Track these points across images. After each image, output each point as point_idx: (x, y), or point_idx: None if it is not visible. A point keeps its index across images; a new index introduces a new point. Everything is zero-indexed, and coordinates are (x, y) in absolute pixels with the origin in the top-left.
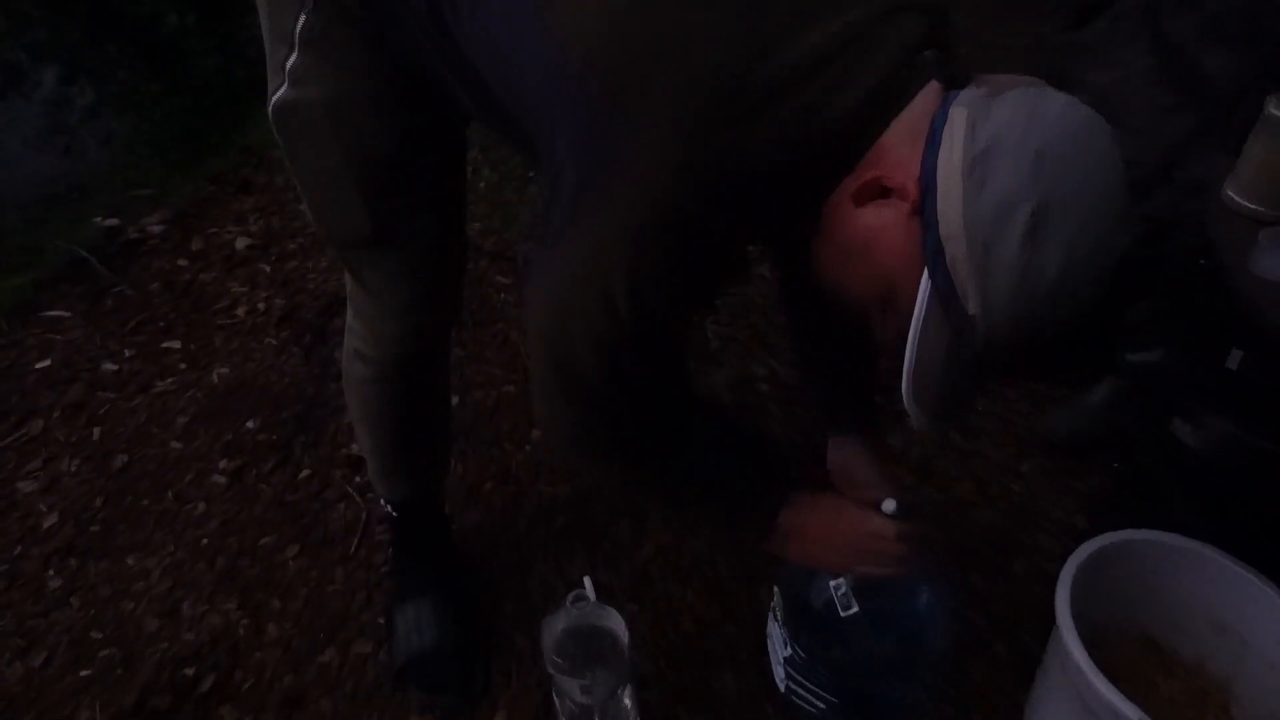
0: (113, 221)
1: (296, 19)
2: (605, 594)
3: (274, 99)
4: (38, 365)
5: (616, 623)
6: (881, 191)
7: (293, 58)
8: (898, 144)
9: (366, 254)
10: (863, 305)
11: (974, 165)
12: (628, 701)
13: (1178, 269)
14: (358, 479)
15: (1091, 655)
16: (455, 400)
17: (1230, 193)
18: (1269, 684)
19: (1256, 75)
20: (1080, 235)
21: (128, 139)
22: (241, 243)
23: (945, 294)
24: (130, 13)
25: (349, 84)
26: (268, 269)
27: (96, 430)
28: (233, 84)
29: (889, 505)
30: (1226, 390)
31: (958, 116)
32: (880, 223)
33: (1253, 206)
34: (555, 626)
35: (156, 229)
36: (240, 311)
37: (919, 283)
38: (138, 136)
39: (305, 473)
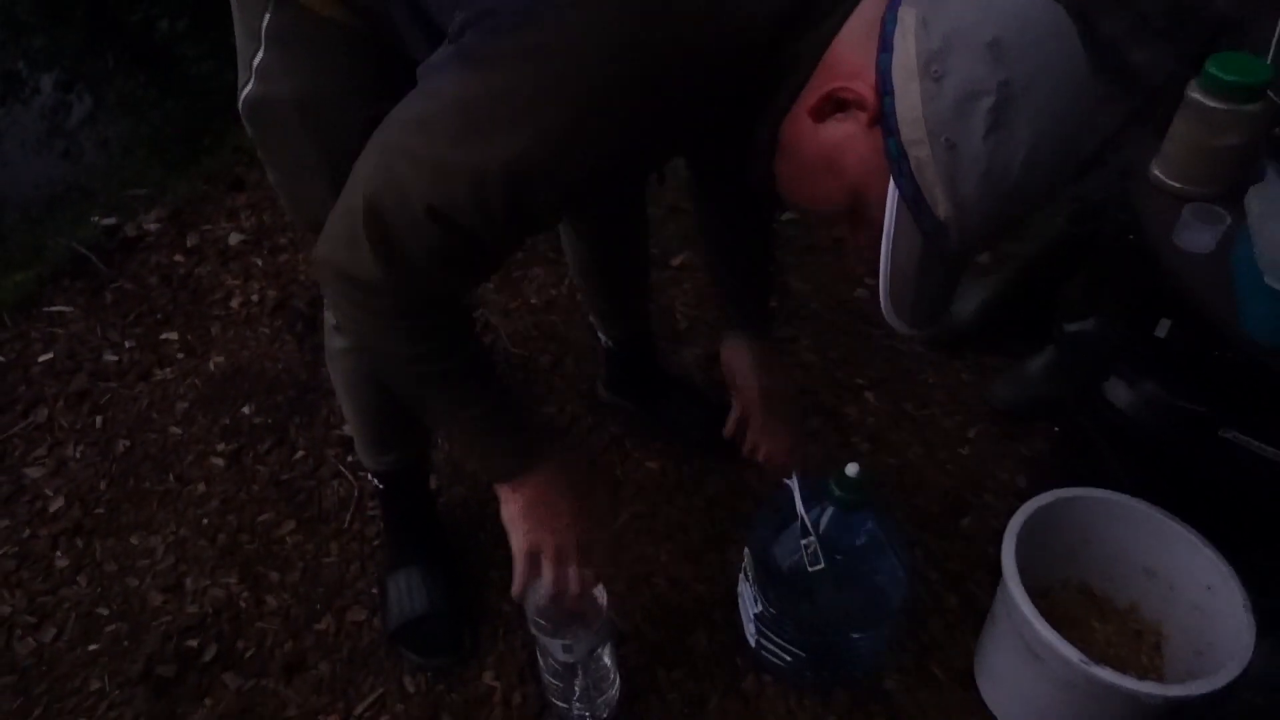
0: (111, 220)
1: (262, 17)
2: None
3: (243, 95)
4: (41, 357)
5: (596, 588)
6: (839, 105)
7: (260, 55)
8: (849, 53)
9: None
10: (831, 219)
11: (930, 63)
12: (607, 660)
13: (1109, 245)
14: (350, 458)
15: (1035, 604)
16: None
17: (1156, 172)
18: (1194, 623)
19: (1179, 67)
20: (1044, 122)
21: (124, 141)
22: (235, 238)
23: (913, 200)
24: (125, 20)
25: (315, 79)
26: (260, 262)
27: (99, 418)
28: (224, 87)
29: (852, 468)
30: (1155, 356)
31: (907, 16)
32: (841, 136)
33: (1177, 185)
34: (538, 590)
35: (153, 226)
36: (235, 303)
37: (886, 191)
38: (134, 139)
39: (300, 453)
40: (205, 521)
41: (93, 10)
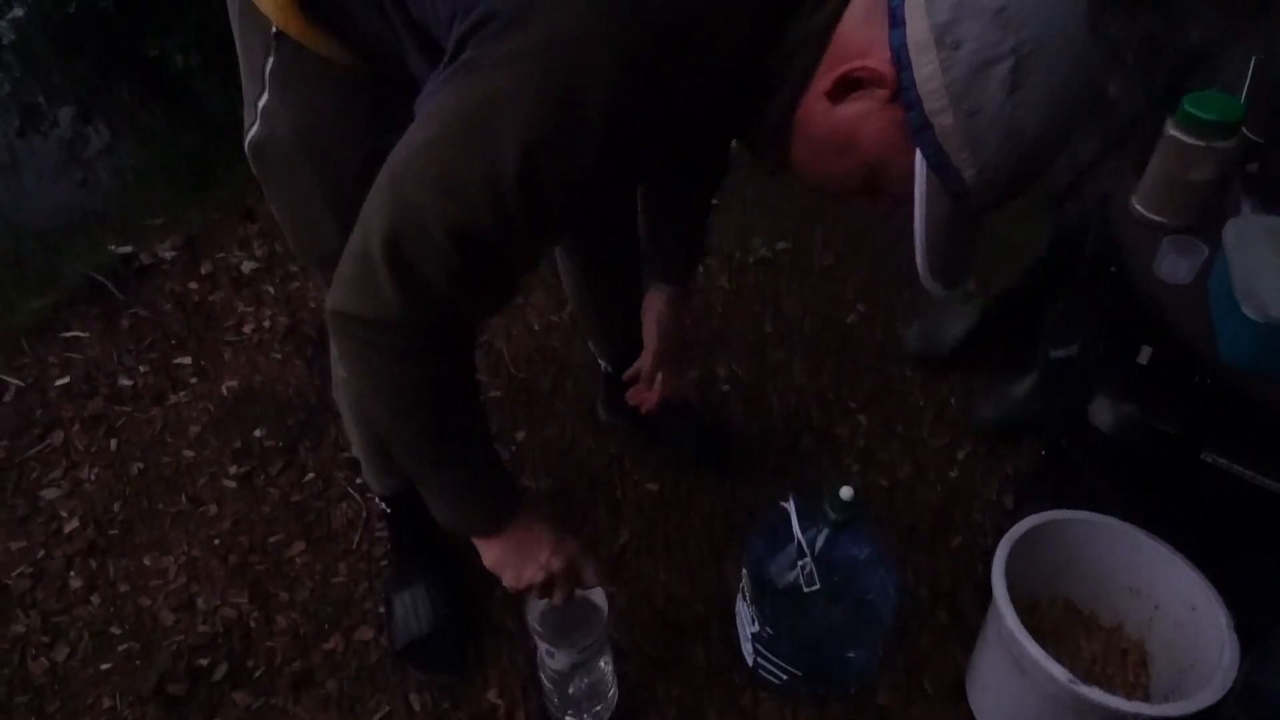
0: (127, 248)
1: (266, 60)
2: None
3: (249, 136)
4: (58, 382)
5: (597, 595)
6: (854, 84)
7: (264, 97)
8: (855, 33)
9: None
10: (848, 195)
11: (943, 34)
12: (605, 668)
13: (1091, 274)
14: (358, 480)
15: (1023, 620)
16: None
17: (1136, 205)
18: (1178, 641)
19: (1152, 98)
20: (1055, 79)
21: (139, 172)
22: (247, 266)
23: (940, 168)
24: (141, 55)
25: (316, 117)
26: (272, 289)
27: (114, 440)
28: (235, 119)
29: (846, 492)
30: (1137, 381)
31: None
32: (859, 114)
33: (1156, 217)
34: (538, 601)
35: (168, 254)
36: (247, 328)
37: (906, 163)
38: (149, 169)
39: (309, 475)
40: (217, 542)
41: (107, 46)
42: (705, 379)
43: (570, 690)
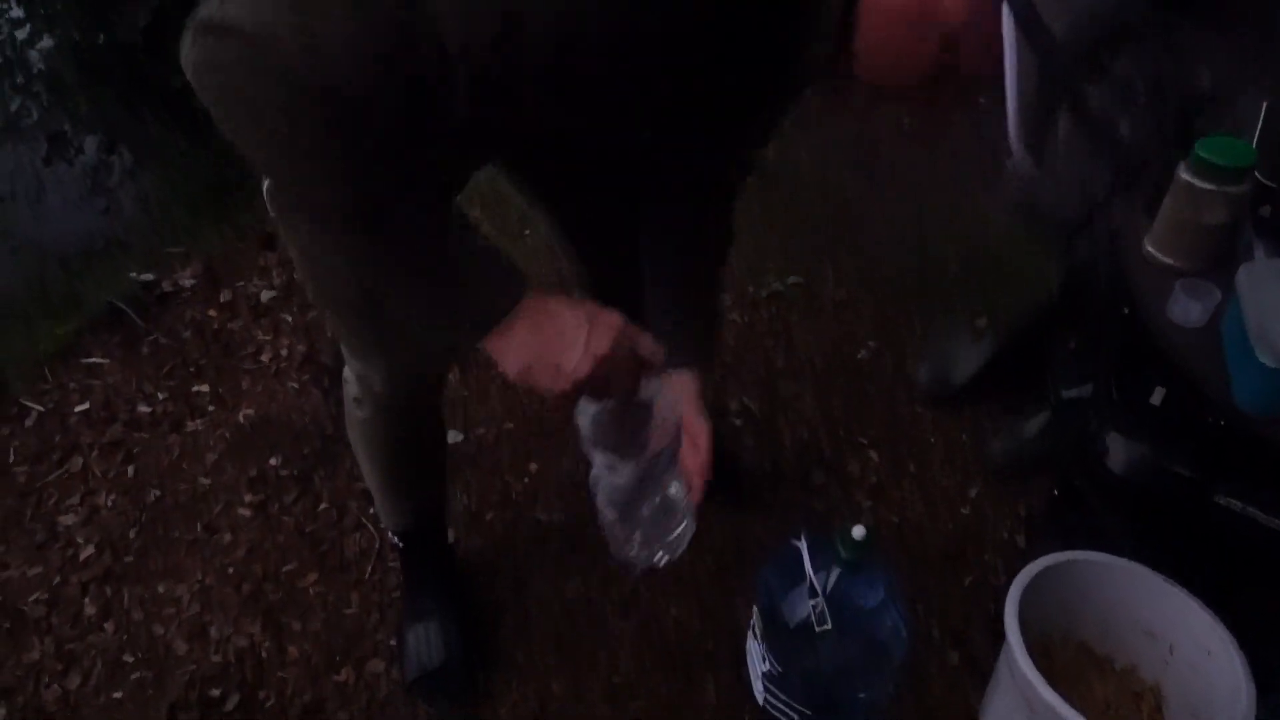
0: (148, 276)
1: None
2: (597, 609)
3: (268, 182)
4: (78, 407)
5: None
6: None
7: None
8: None
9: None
10: (918, 83)
11: None
12: (677, 494)
13: (1101, 313)
14: (371, 510)
15: (1036, 662)
16: (461, 436)
17: (1149, 247)
18: (1193, 684)
19: (1163, 135)
20: None
21: (162, 200)
22: (266, 295)
23: (1028, 24)
24: (165, 85)
25: None
26: (290, 318)
27: (132, 467)
28: None
29: (858, 531)
30: (1149, 422)
31: None
32: None
33: (1168, 260)
34: (590, 404)
35: (188, 282)
36: (265, 357)
37: (987, 29)
38: (171, 198)
39: (324, 504)
40: (231, 570)
41: (133, 76)
42: (717, 412)
43: (642, 510)
